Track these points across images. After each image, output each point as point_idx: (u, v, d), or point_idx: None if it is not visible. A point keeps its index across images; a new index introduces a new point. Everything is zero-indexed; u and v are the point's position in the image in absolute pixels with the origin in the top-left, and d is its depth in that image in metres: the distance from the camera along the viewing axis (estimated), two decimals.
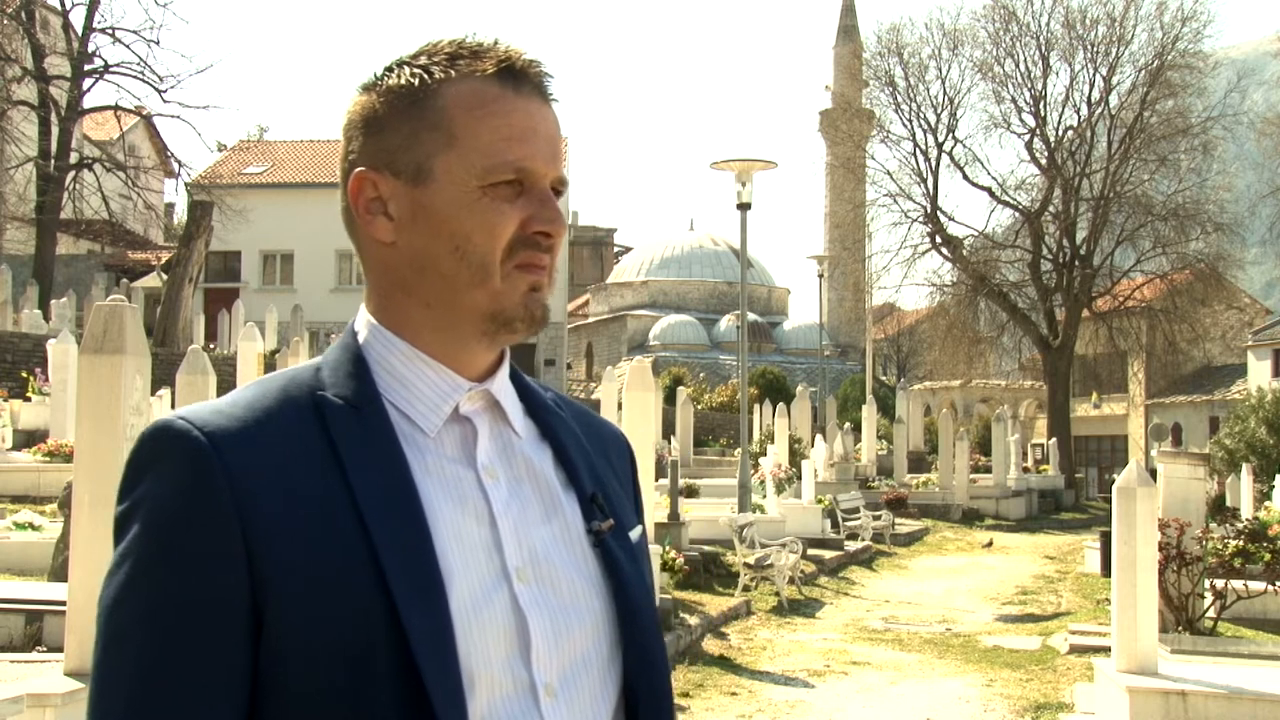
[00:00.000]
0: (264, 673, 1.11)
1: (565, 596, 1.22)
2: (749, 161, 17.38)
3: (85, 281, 35.74)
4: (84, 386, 6.04)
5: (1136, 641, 7.63)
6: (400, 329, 1.24)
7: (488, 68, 1.23)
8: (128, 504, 1.15)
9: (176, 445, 1.13)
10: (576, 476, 1.30)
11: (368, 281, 1.28)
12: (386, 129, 1.23)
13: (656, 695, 1.27)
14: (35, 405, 18.54)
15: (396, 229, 1.23)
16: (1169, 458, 11.85)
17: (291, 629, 1.10)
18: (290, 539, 1.11)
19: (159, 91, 33.35)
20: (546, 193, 1.23)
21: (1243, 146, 44.79)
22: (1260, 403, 29.19)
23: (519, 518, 1.23)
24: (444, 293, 1.22)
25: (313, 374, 1.23)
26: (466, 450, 1.24)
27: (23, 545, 11.09)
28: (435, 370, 1.24)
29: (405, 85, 1.23)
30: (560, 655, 1.20)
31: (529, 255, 1.22)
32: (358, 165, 1.25)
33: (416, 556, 1.13)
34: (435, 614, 1.12)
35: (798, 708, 9.17)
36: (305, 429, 1.17)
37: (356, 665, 1.10)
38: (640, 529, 1.36)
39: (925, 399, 47.52)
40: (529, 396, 1.34)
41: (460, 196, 1.20)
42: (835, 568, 18.15)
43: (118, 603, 1.13)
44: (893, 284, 50.18)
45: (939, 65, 42.72)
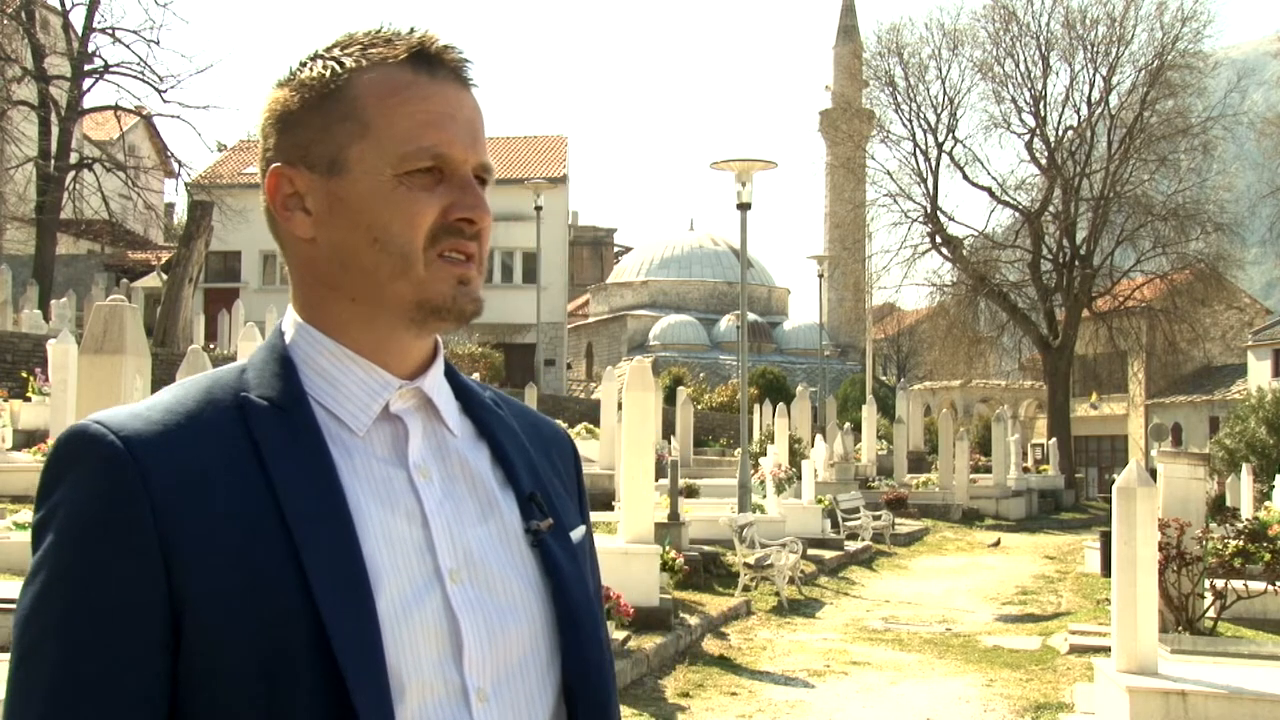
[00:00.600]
0: (184, 683, 1.09)
1: (501, 597, 1.20)
2: (749, 161, 17.37)
3: (85, 281, 35.74)
4: (84, 386, 6.05)
5: (1136, 641, 7.63)
6: (327, 327, 1.22)
7: (400, 54, 1.21)
8: (44, 512, 1.12)
9: (91, 450, 1.10)
10: (514, 475, 1.27)
11: (292, 280, 1.25)
12: (301, 123, 1.21)
13: (596, 698, 1.24)
14: (35, 405, 18.54)
15: (315, 224, 1.20)
16: (1169, 458, 11.85)
17: (211, 638, 1.08)
18: (210, 546, 1.08)
19: (159, 91, 33.33)
20: (468, 179, 1.21)
21: (1243, 146, 44.80)
22: (1260, 403, 29.21)
23: (453, 517, 1.20)
24: (368, 286, 1.19)
25: (237, 375, 1.20)
26: (398, 449, 1.21)
27: (23, 545, 11.08)
28: (364, 368, 1.21)
29: (317, 77, 1.21)
30: (495, 658, 1.18)
31: (453, 243, 1.19)
32: (274, 161, 1.22)
33: (342, 559, 1.10)
34: (361, 618, 1.09)
35: (798, 708, 9.17)
36: (228, 431, 1.14)
37: (279, 672, 1.07)
38: (583, 529, 1.33)
39: (925, 399, 47.54)
40: (465, 394, 1.31)
41: (376, 187, 1.18)
42: (835, 568, 18.15)
43: (32, 614, 1.09)
44: (893, 284, 50.19)
45: (939, 65, 42.79)
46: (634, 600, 10.15)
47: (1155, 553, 8.27)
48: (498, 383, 32.49)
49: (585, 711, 1.23)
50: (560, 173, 44.47)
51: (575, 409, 31.73)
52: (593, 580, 1.32)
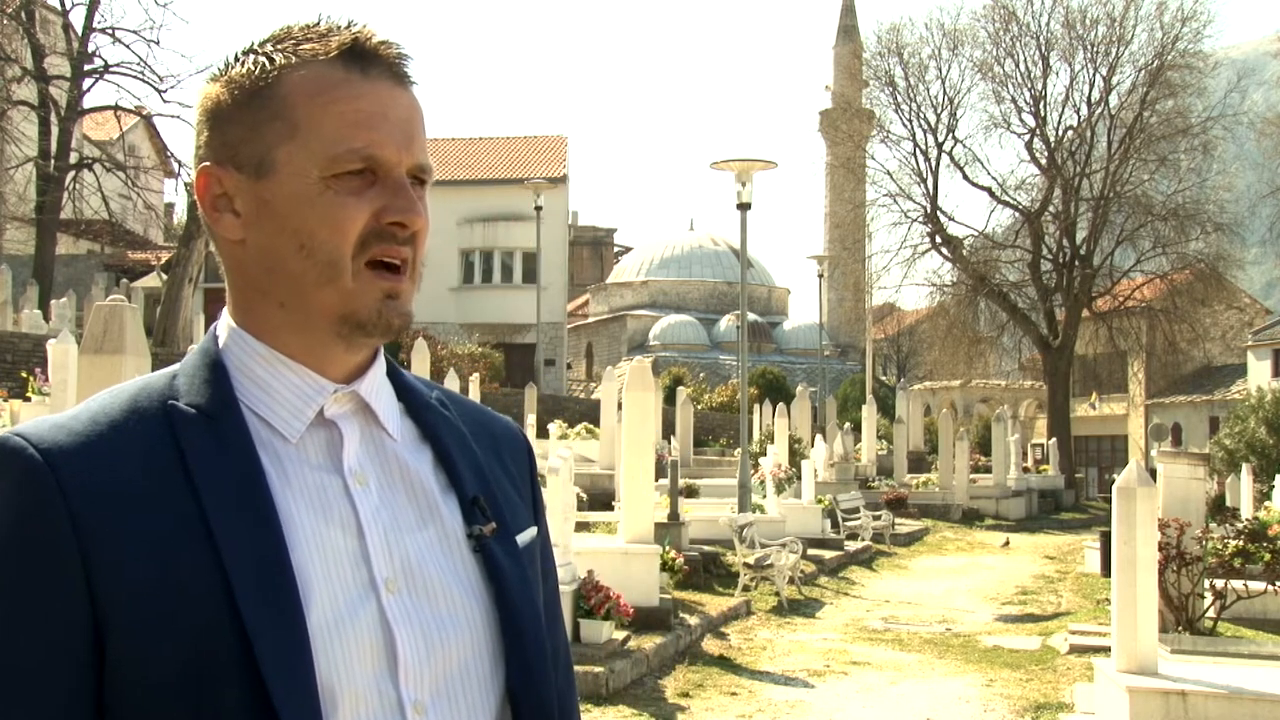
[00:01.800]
0: (109, 700, 1.06)
1: (441, 606, 1.16)
2: (749, 161, 17.38)
3: (85, 281, 35.73)
4: (84, 386, 6.05)
5: (1136, 641, 7.63)
6: (259, 331, 1.18)
7: (331, 50, 1.16)
8: None
9: (10, 464, 1.08)
10: (458, 478, 1.23)
11: (226, 282, 1.22)
12: (230, 121, 1.17)
13: (542, 705, 1.21)
14: (35, 405, 18.50)
15: (244, 226, 1.17)
16: (1169, 458, 11.85)
17: (135, 654, 1.05)
18: (134, 559, 1.06)
19: (159, 91, 33.30)
20: (401, 181, 1.16)
21: (1243, 146, 44.79)
22: (1260, 403, 29.21)
23: (390, 525, 1.17)
24: (295, 292, 1.16)
25: (167, 382, 1.17)
26: (333, 456, 1.17)
27: None
28: (296, 373, 1.17)
29: (247, 74, 1.17)
30: (433, 669, 1.14)
31: (383, 249, 1.15)
32: (204, 160, 1.19)
33: (270, 572, 1.07)
34: (290, 632, 1.06)
35: (798, 708, 9.17)
36: (154, 441, 1.11)
37: (205, 688, 1.05)
38: (534, 531, 1.29)
39: (925, 399, 47.54)
40: (408, 395, 1.27)
41: (303, 189, 1.14)
42: (835, 568, 18.15)
43: None
44: (893, 284, 50.17)
45: (939, 65, 42.78)
46: (634, 600, 10.16)
47: (1155, 553, 8.27)
48: (497, 383, 32.47)
49: (530, 717, 1.20)
50: (560, 173, 44.46)
51: (575, 409, 31.72)
52: (545, 583, 1.29)
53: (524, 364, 40.39)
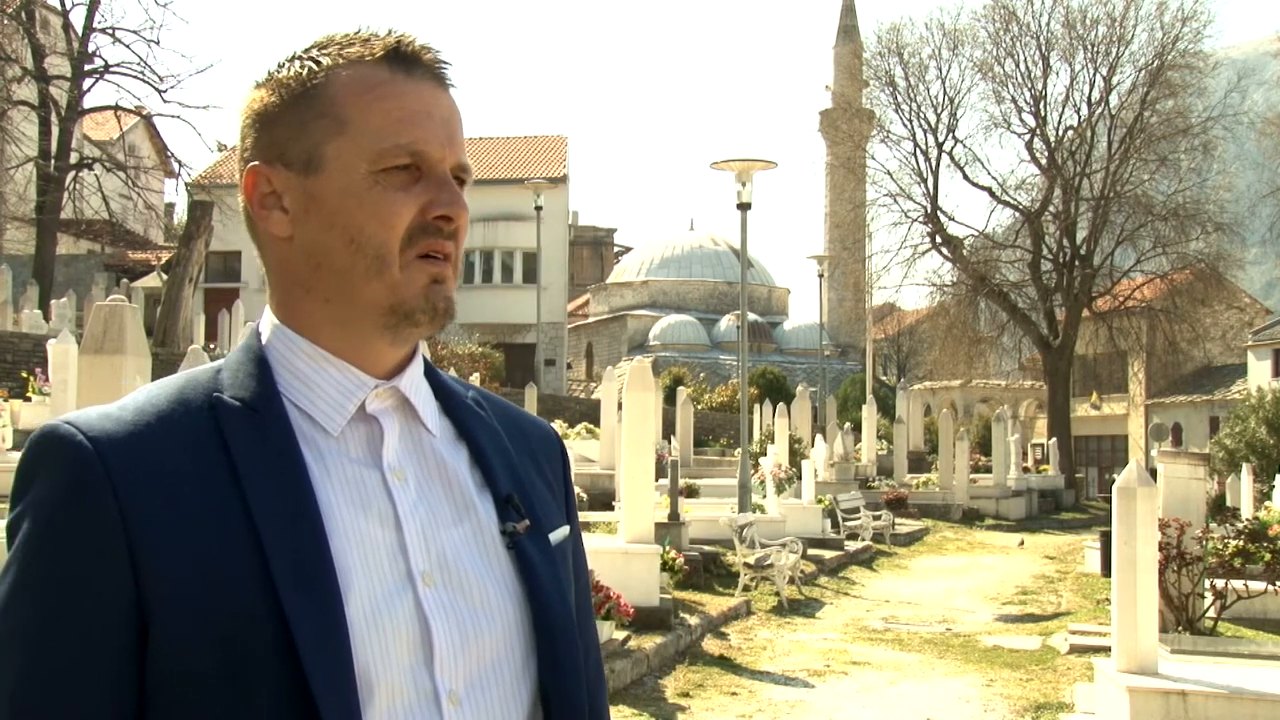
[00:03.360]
0: (150, 684, 1.08)
1: (475, 600, 1.19)
2: (749, 161, 17.37)
3: (85, 281, 35.74)
4: (84, 386, 6.05)
5: (1136, 641, 7.63)
6: (302, 327, 1.21)
7: (376, 52, 1.20)
8: (13, 514, 1.12)
9: (60, 451, 1.10)
10: (493, 476, 1.26)
11: (269, 281, 1.24)
12: (278, 122, 1.21)
13: (572, 701, 1.23)
14: (35, 405, 18.53)
15: (292, 222, 1.20)
16: (1169, 458, 11.85)
17: (177, 638, 1.07)
18: (177, 547, 1.08)
19: (159, 91, 33.33)
20: (445, 176, 1.20)
21: (1243, 146, 44.79)
22: (1260, 403, 29.21)
23: (427, 520, 1.19)
24: (341, 287, 1.18)
25: (212, 376, 1.20)
26: (373, 450, 1.20)
27: None
28: (338, 368, 1.20)
29: (294, 76, 1.21)
30: (467, 661, 1.17)
31: (430, 243, 1.19)
32: (252, 160, 1.22)
33: (309, 561, 1.09)
34: (328, 619, 1.08)
35: (798, 708, 9.17)
36: (199, 432, 1.14)
37: (244, 674, 1.07)
38: (566, 530, 1.32)
39: (925, 399, 47.55)
40: (445, 394, 1.30)
41: (352, 184, 1.17)
42: (835, 568, 18.15)
43: (2, 613, 1.09)
44: (893, 284, 50.15)
45: (939, 65, 42.79)
46: (634, 600, 10.15)
47: (1155, 553, 8.27)
48: (498, 383, 32.47)
49: (561, 713, 1.22)
50: (560, 173, 44.47)
51: (575, 409, 31.73)
52: (576, 582, 1.31)
53: (524, 364, 40.39)
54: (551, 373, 43.49)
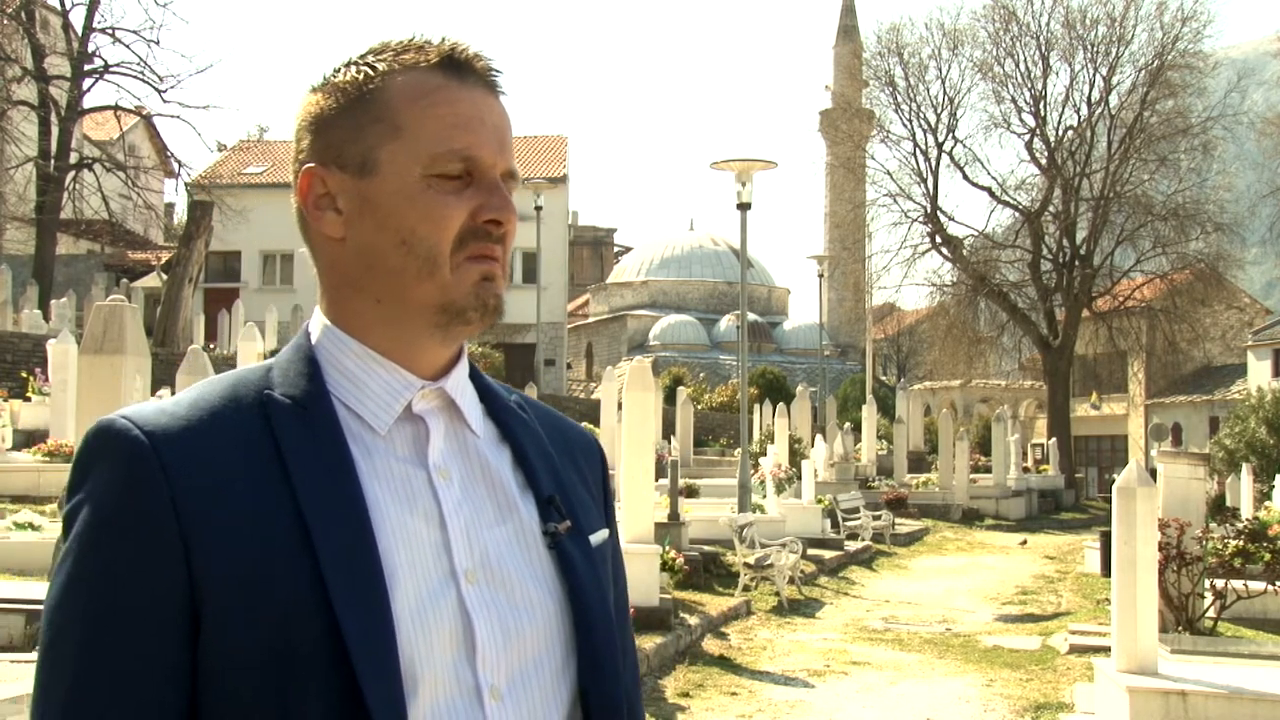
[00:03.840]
0: (201, 674, 1.11)
1: (517, 598, 1.21)
2: (749, 161, 17.37)
3: (85, 281, 35.73)
4: (84, 386, 6.05)
5: (1136, 641, 7.63)
6: (352, 327, 1.23)
7: (431, 59, 1.23)
8: (70, 505, 1.15)
9: (116, 444, 1.13)
10: (535, 478, 1.28)
11: (320, 282, 1.27)
12: (334, 125, 1.23)
13: (610, 700, 1.25)
14: (35, 405, 18.53)
15: (345, 224, 1.22)
16: (1169, 458, 11.85)
17: (227, 628, 1.10)
18: (228, 538, 1.11)
19: (159, 91, 33.35)
20: (495, 182, 1.23)
21: (1243, 146, 44.78)
22: (1260, 403, 29.22)
23: (470, 518, 1.22)
24: (393, 287, 1.21)
25: (263, 374, 1.22)
26: (419, 449, 1.23)
27: (23, 545, 11.07)
28: (386, 368, 1.22)
29: (351, 80, 1.24)
30: (509, 658, 1.19)
31: (480, 246, 1.21)
32: (307, 163, 1.24)
33: (357, 556, 1.12)
34: (374, 614, 1.11)
35: (798, 708, 9.17)
36: (249, 428, 1.16)
37: (293, 665, 1.09)
38: (605, 533, 1.34)
39: (925, 399, 47.53)
40: (490, 398, 1.32)
41: (405, 187, 1.20)
42: (835, 568, 18.15)
43: (58, 604, 1.13)
44: (893, 284, 50.18)
45: (939, 65, 42.79)
46: (634, 600, 10.11)
47: (1155, 553, 8.27)
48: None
49: (600, 713, 1.25)
50: (560, 173, 44.48)
51: (575, 409, 31.74)
52: (615, 585, 1.33)
53: (524, 364, 40.39)
54: (551, 373, 43.50)
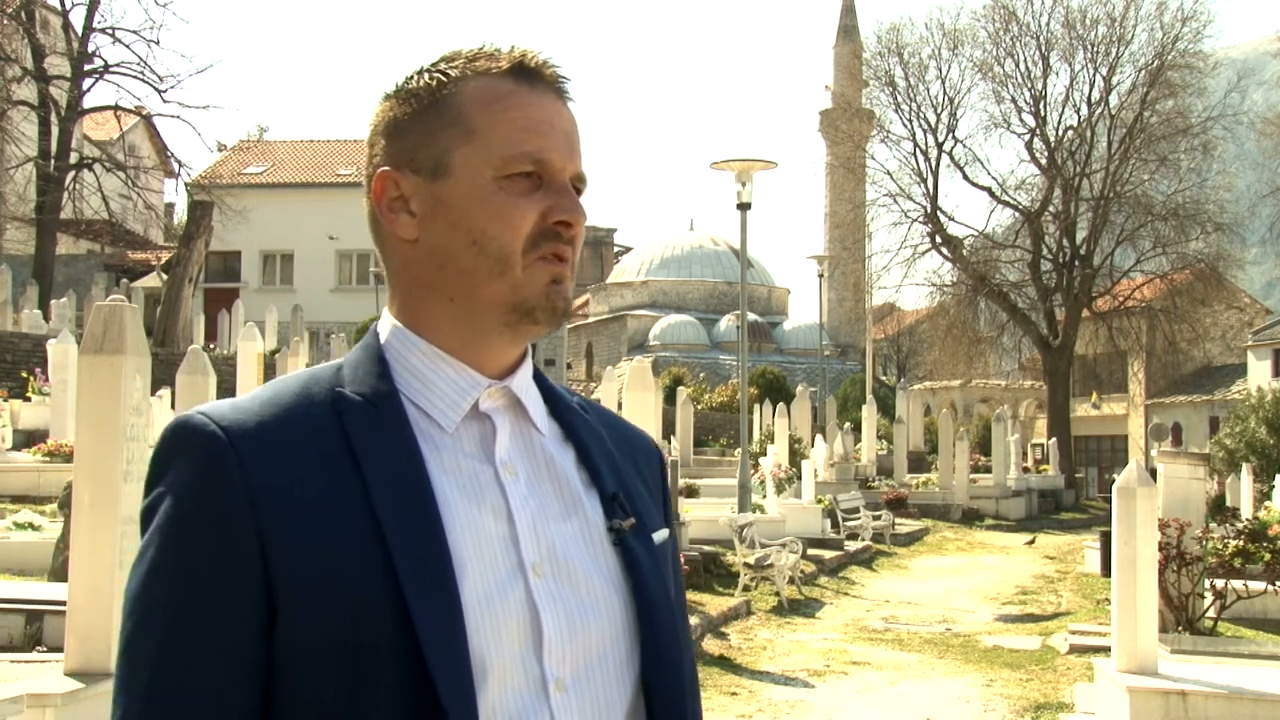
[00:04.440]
0: (276, 665, 1.14)
1: (583, 592, 1.23)
2: (749, 161, 17.37)
3: (85, 281, 35.73)
4: (84, 386, 6.04)
5: (1136, 641, 7.63)
6: (422, 327, 1.27)
7: (502, 65, 1.27)
8: (150, 498, 1.19)
9: (194, 439, 1.17)
10: (599, 476, 1.31)
11: (390, 283, 1.30)
12: (408, 130, 1.27)
13: (673, 695, 1.28)
14: (35, 405, 18.54)
15: (419, 225, 1.25)
16: (1169, 458, 11.85)
17: (302, 621, 1.13)
18: (303, 533, 1.14)
19: (159, 91, 33.38)
20: (565, 184, 1.26)
21: (1243, 146, 44.78)
22: (1260, 403, 29.19)
23: (537, 514, 1.24)
24: (465, 287, 1.24)
25: (334, 372, 1.26)
26: (485, 447, 1.26)
27: (23, 545, 11.09)
28: (454, 368, 1.26)
29: (424, 87, 1.27)
30: (575, 650, 1.21)
31: (550, 246, 1.24)
32: (381, 166, 1.28)
33: (427, 548, 1.15)
34: (445, 604, 1.14)
35: (798, 708, 9.17)
36: (322, 424, 1.20)
37: (364, 655, 1.12)
38: (666, 532, 1.37)
39: (925, 399, 47.52)
40: (553, 398, 1.35)
41: (477, 189, 1.23)
42: (835, 568, 18.14)
43: (139, 594, 1.16)
44: (893, 284, 50.15)
45: (939, 65, 42.77)
46: None
47: (1155, 553, 8.28)
48: None
49: (662, 707, 1.27)
50: None
51: None
52: (675, 582, 1.35)
53: None
54: (551, 373, 43.48)
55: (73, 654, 5.77)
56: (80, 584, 5.80)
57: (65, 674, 5.71)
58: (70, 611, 5.85)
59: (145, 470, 1.23)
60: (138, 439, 6.00)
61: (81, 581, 5.80)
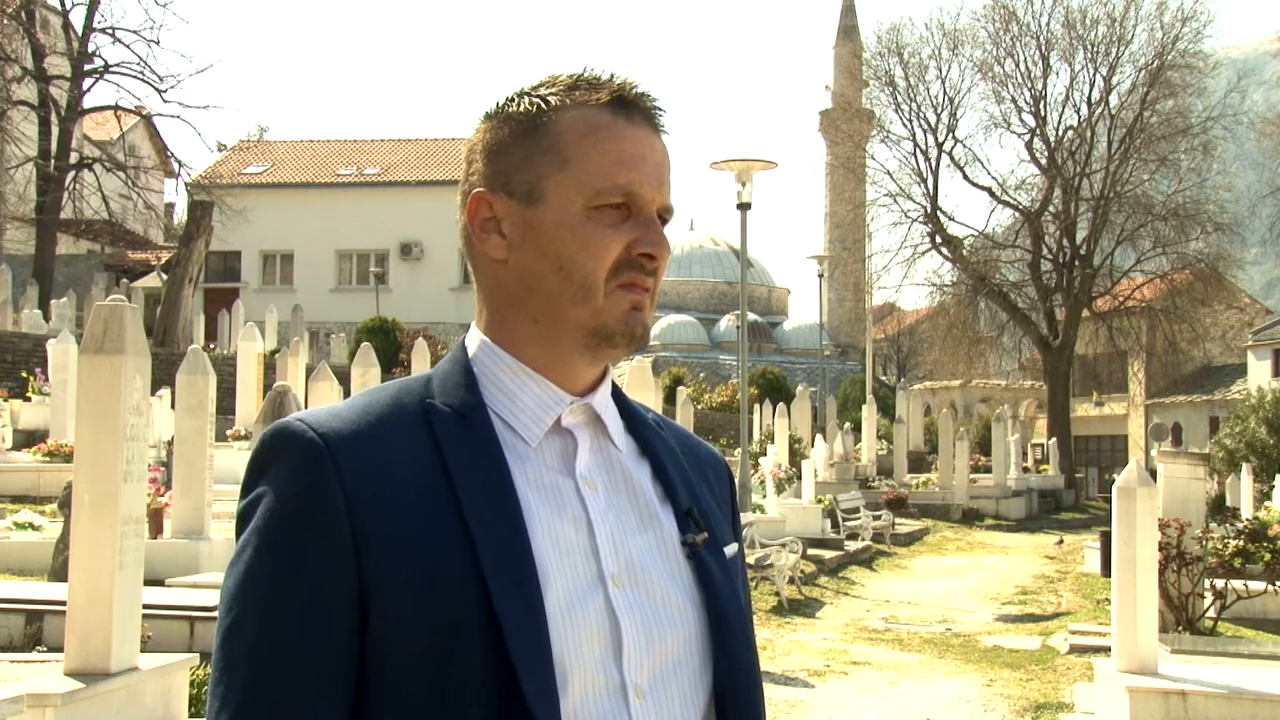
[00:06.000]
0: (368, 661, 1.18)
1: (659, 603, 1.27)
2: (749, 161, 17.36)
3: (85, 281, 35.72)
4: (84, 386, 6.04)
5: (1136, 641, 7.63)
6: (508, 344, 1.31)
7: (602, 97, 1.30)
8: (248, 500, 1.23)
9: (294, 445, 1.21)
10: (673, 491, 1.34)
11: (479, 298, 1.34)
12: (504, 153, 1.31)
13: (745, 704, 1.31)
14: (35, 405, 18.53)
15: (509, 247, 1.29)
16: (1169, 458, 11.86)
17: (392, 621, 1.17)
18: (395, 536, 1.18)
19: (159, 91, 33.37)
20: (652, 217, 1.29)
21: (1243, 146, 44.78)
22: (1260, 403, 29.18)
23: (616, 526, 1.28)
24: (549, 309, 1.28)
25: (424, 384, 1.30)
26: (566, 461, 1.29)
27: (23, 545, 11.08)
28: (539, 384, 1.29)
29: (524, 112, 1.31)
30: (651, 658, 1.24)
31: (632, 276, 1.28)
32: (477, 187, 1.32)
33: (514, 555, 1.19)
34: (531, 610, 1.17)
35: (798, 708, 9.17)
36: (414, 434, 1.24)
37: (453, 656, 1.16)
38: (735, 546, 1.40)
39: (925, 399, 47.51)
40: (630, 415, 1.39)
41: (568, 217, 1.27)
42: (835, 568, 18.14)
43: (238, 591, 1.20)
44: (893, 284, 50.16)
45: (939, 65, 42.73)
46: None
47: (1155, 553, 8.28)
48: None
49: (735, 714, 1.30)
50: None
51: None
52: (744, 594, 1.38)
53: None
54: None
55: (73, 654, 5.77)
56: (80, 584, 5.80)
57: (65, 674, 5.71)
58: (70, 611, 5.84)
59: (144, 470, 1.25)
60: (137, 439, 6.00)
61: (81, 581, 5.79)
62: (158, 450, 13.95)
